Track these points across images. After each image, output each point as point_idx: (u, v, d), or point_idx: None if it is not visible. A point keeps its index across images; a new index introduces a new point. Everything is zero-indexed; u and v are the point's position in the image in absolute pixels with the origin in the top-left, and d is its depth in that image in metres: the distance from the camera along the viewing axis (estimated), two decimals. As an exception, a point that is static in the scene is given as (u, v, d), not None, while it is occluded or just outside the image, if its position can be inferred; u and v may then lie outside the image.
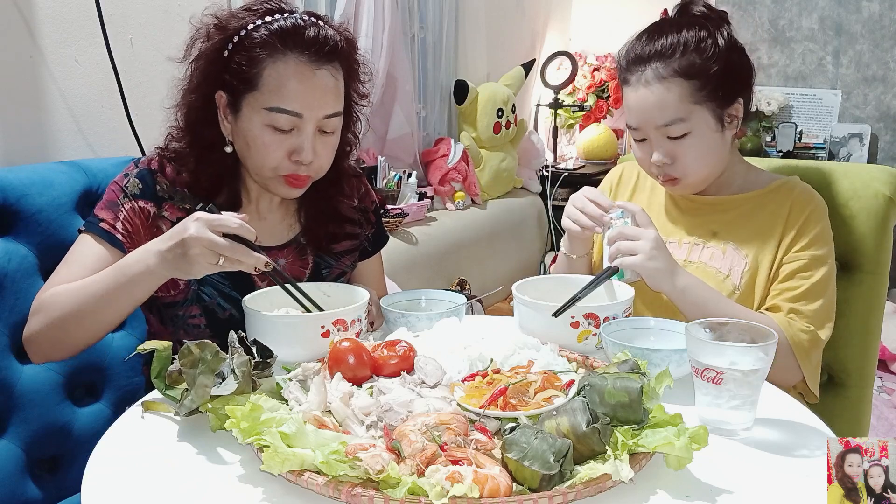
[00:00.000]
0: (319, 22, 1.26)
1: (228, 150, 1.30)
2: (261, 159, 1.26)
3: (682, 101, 1.33)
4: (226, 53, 1.25)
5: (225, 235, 1.09)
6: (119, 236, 1.26)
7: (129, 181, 1.29)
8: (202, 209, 1.14)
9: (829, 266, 1.35)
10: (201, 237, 1.08)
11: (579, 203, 1.37)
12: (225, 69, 1.25)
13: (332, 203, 1.42)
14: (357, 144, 1.45)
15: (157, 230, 1.28)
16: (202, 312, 1.31)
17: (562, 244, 1.49)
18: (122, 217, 1.26)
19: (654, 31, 1.38)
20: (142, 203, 1.28)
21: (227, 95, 1.27)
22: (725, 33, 1.36)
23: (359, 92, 1.37)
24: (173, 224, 1.27)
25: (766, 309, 1.35)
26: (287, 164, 1.26)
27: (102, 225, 1.26)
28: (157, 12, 1.91)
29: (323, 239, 1.41)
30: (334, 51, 1.25)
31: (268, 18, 1.24)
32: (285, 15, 1.25)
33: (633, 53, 1.38)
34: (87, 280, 1.19)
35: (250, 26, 1.24)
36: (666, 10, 1.47)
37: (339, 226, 1.44)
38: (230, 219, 1.10)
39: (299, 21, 1.24)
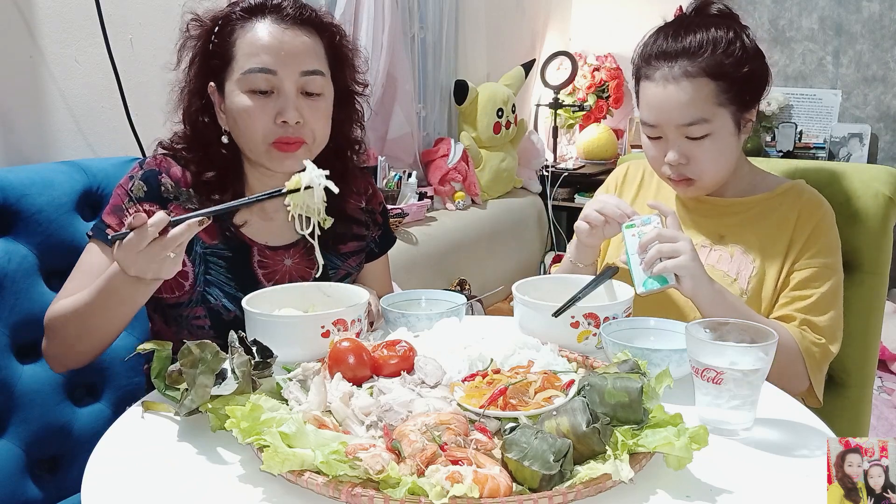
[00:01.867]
0: None
1: (224, 139, 1.32)
2: (250, 130, 1.27)
3: (707, 101, 1.30)
4: (210, 46, 1.29)
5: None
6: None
7: (133, 184, 1.30)
8: (114, 241, 1.10)
9: (838, 275, 1.35)
10: (140, 263, 1.07)
11: (598, 205, 1.34)
12: (212, 57, 1.29)
13: (339, 202, 1.42)
14: (363, 137, 1.46)
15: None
16: (207, 314, 1.31)
17: (568, 251, 1.45)
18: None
19: (679, 27, 1.34)
20: (147, 206, 1.28)
21: (215, 83, 1.30)
22: (751, 36, 1.34)
23: (356, 80, 1.40)
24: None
25: (777, 318, 1.34)
26: (274, 129, 1.27)
27: (108, 231, 1.26)
28: (157, 12, 1.91)
29: (329, 239, 1.41)
30: (301, 15, 1.29)
31: (241, 4, 1.30)
32: None
33: (657, 48, 1.34)
34: (82, 296, 1.19)
35: (227, 14, 1.29)
36: (681, 8, 1.45)
37: (346, 226, 1.44)
38: (135, 229, 1.07)
39: None
